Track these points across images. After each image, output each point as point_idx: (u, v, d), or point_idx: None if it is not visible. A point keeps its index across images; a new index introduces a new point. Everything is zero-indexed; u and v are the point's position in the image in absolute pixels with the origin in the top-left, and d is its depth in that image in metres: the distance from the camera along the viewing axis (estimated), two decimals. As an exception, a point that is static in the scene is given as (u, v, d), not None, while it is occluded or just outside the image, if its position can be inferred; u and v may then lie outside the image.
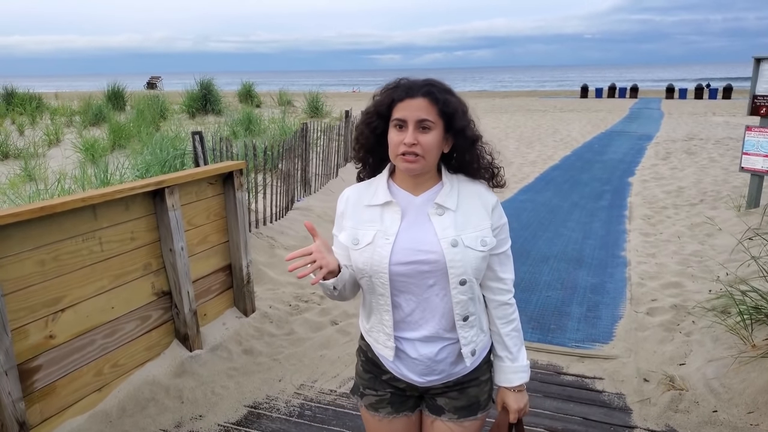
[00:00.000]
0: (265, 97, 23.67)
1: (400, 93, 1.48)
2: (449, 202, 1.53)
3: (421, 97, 1.46)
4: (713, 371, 3.21)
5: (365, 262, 1.53)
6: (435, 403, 1.66)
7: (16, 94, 22.05)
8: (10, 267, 2.51)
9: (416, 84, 1.49)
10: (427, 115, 1.45)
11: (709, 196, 7.78)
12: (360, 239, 1.55)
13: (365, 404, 1.72)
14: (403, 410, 1.69)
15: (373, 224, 1.55)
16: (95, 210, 2.92)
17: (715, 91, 30.16)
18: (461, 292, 1.52)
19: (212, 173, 3.75)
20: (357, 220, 1.58)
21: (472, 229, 1.52)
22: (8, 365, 2.44)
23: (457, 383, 1.63)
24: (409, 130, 1.45)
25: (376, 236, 1.53)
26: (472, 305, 1.55)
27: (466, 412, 1.64)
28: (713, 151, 11.73)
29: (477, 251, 1.51)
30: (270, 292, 4.59)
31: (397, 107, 1.48)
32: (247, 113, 13.30)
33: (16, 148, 11.59)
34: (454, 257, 1.48)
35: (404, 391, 1.67)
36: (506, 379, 1.62)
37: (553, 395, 3.20)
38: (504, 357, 1.63)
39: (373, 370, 1.69)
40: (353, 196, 1.62)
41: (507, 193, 8.51)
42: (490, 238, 1.53)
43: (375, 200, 1.57)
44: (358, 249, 1.55)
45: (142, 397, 3.08)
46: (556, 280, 4.99)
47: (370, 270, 1.53)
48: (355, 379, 1.78)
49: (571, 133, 15.98)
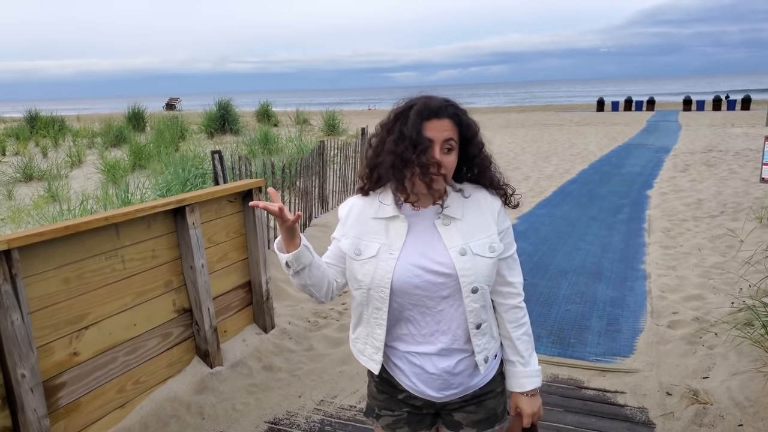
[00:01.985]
0: (282, 116, 23.96)
1: (427, 113, 1.46)
2: (455, 212, 1.53)
3: (447, 118, 1.47)
4: (738, 384, 3.15)
5: (366, 275, 1.53)
6: (452, 418, 1.65)
7: (39, 117, 22.63)
8: (36, 285, 2.58)
9: (442, 105, 1.48)
10: (452, 135, 1.47)
11: (730, 208, 7.68)
12: (363, 251, 1.54)
13: (382, 425, 1.69)
14: (421, 429, 1.68)
15: (377, 237, 1.54)
16: (118, 229, 2.98)
17: (733, 103, 29.84)
18: (474, 300, 1.52)
19: (231, 191, 3.81)
20: (361, 230, 1.57)
21: (479, 237, 1.52)
22: (34, 382, 2.49)
23: (474, 396, 1.63)
24: (436, 150, 1.45)
25: (381, 250, 1.52)
26: (484, 312, 1.56)
27: (484, 425, 1.64)
28: (733, 163, 11.58)
29: (486, 258, 1.51)
30: (289, 308, 4.62)
31: (424, 126, 1.46)
32: (265, 132, 13.48)
33: (39, 169, 11.87)
34: (464, 266, 1.49)
35: (421, 409, 1.66)
36: (518, 384, 1.61)
37: (574, 410, 3.16)
38: (516, 362, 1.62)
39: (388, 390, 1.67)
40: (358, 205, 1.61)
41: (525, 207, 8.48)
42: (498, 243, 1.54)
43: (381, 213, 1.56)
44: (359, 260, 1.54)
45: (164, 414, 3.11)
46: (575, 293, 4.95)
47: (370, 283, 1.52)
48: (369, 400, 1.75)
49: (588, 146, 15.90)
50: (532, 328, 1.67)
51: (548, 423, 3.01)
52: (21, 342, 2.43)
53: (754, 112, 25.95)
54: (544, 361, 3.63)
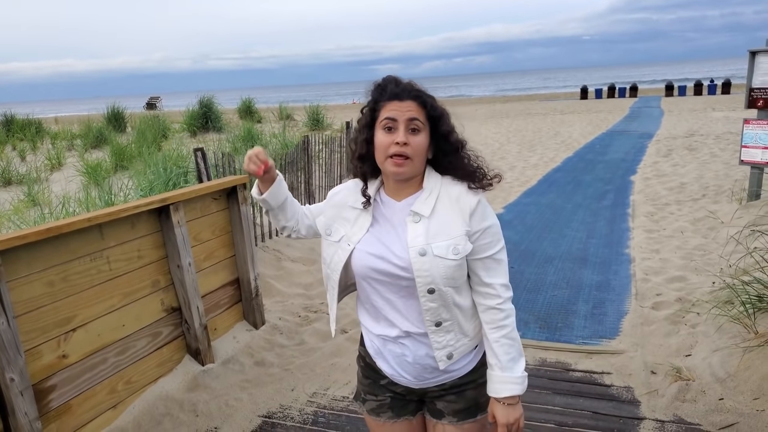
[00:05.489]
0: (265, 112, 23.82)
1: (388, 95, 1.49)
2: (424, 209, 1.51)
3: (409, 99, 1.47)
4: (718, 360, 3.23)
5: (327, 255, 1.63)
6: (435, 407, 1.67)
7: (15, 120, 22.22)
8: (20, 289, 2.57)
9: (404, 87, 1.49)
10: (416, 115, 1.47)
11: (711, 191, 7.80)
12: (332, 233, 1.63)
13: (367, 409, 1.74)
14: (404, 414, 1.70)
15: (345, 225, 1.61)
16: (102, 229, 2.97)
17: (714, 87, 30.15)
18: (430, 300, 1.50)
19: (216, 188, 3.81)
20: (336, 214, 1.64)
21: (444, 237, 1.48)
22: (23, 385, 2.49)
23: (453, 386, 1.62)
24: (399, 130, 1.46)
25: (342, 239, 1.60)
26: (445, 311, 1.52)
27: (464, 414, 1.64)
28: (714, 146, 11.74)
29: (448, 260, 1.47)
30: (279, 304, 4.63)
31: (385, 108, 1.49)
32: (248, 129, 13.40)
33: (18, 173, 11.70)
34: (421, 266, 1.47)
35: (403, 395, 1.68)
36: (493, 389, 1.53)
37: (562, 391, 3.22)
38: (493, 365, 1.54)
39: (371, 375, 1.71)
40: (344, 192, 1.66)
41: (511, 196, 8.55)
42: (464, 245, 1.48)
43: (356, 203, 1.60)
44: (327, 240, 1.65)
45: (157, 413, 3.12)
46: (562, 279, 5.02)
47: (329, 265, 1.63)
48: (357, 385, 1.81)
49: (572, 134, 16.01)
50: (520, 314, 1.67)
51: (537, 405, 3.07)
52: (8, 346, 2.42)
53: (735, 96, 26.27)
54: (531, 346, 3.69)
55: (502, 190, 8.88)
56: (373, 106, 1.53)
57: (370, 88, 1.56)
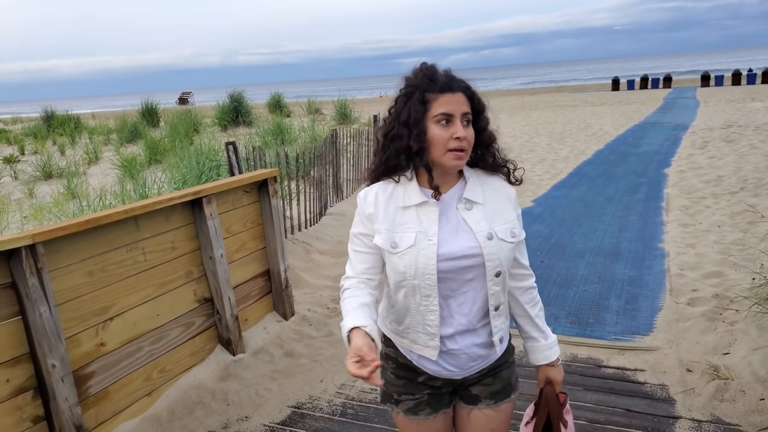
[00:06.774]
0: (294, 106, 23.99)
1: (439, 87, 1.46)
2: (476, 196, 1.54)
3: (460, 92, 1.48)
4: (759, 359, 3.14)
5: (408, 265, 1.49)
6: (470, 393, 1.68)
7: (55, 115, 22.91)
8: (61, 279, 2.64)
9: (454, 79, 1.49)
10: (468, 108, 1.48)
11: (750, 184, 7.57)
12: (399, 243, 1.50)
13: (402, 410, 1.68)
14: (441, 408, 1.69)
15: (410, 226, 1.51)
16: (137, 221, 3.04)
17: (753, 76, 29.23)
18: (496, 284, 1.54)
19: (247, 181, 3.85)
20: (392, 222, 1.52)
21: (501, 222, 1.54)
22: (64, 372, 2.57)
23: (490, 369, 1.66)
24: (457, 124, 1.45)
25: (418, 238, 1.49)
26: (503, 295, 1.59)
27: (501, 395, 1.68)
28: (753, 138, 11.39)
29: (508, 242, 1.54)
30: (308, 295, 4.68)
31: (438, 101, 1.45)
32: (278, 123, 13.51)
33: (58, 167, 12.05)
34: (491, 250, 1.50)
35: (440, 389, 1.67)
36: (545, 356, 1.68)
37: (594, 388, 3.17)
38: (538, 337, 1.69)
39: (406, 374, 1.67)
40: (382, 197, 1.55)
41: (540, 189, 8.44)
42: (519, 229, 1.57)
43: (408, 201, 1.52)
44: (397, 253, 1.50)
45: (190, 401, 3.18)
46: (593, 274, 4.94)
47: (415, 273, 1.49)
48: (385, 387, 1.71)
49: (603, 126, 15.72)
50: (550, 309, 1.72)
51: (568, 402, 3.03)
52: (50, 333, 2.50)
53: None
54: (562, 341, 3.64)
55: (531, 183, 8.77)
56: (421, 97, 1.47)
57: (410, 76, 1.51)
